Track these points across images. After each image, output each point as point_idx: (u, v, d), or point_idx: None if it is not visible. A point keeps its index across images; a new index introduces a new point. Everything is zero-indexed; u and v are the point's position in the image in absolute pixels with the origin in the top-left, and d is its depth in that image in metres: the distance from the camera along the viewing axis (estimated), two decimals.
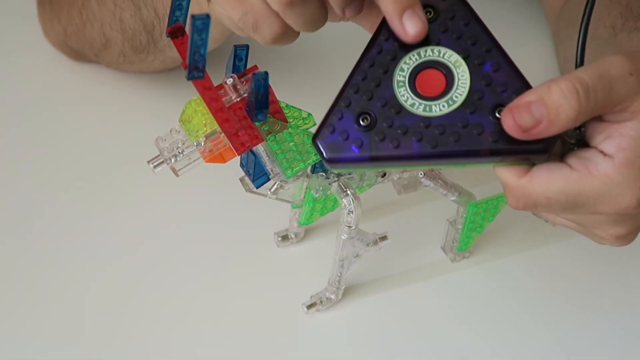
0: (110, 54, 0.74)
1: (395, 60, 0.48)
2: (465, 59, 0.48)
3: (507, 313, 0.64)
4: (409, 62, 0.48)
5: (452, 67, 0.48)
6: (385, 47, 0.48)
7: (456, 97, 0.47)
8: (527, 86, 0.47)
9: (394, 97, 0.48)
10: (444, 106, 0.47)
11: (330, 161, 0.48)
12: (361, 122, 0.48)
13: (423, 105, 0.47)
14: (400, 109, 0.48)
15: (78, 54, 0.79)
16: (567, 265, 0.67)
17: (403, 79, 0.48)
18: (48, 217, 0.70)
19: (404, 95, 0.48)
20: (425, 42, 0.48)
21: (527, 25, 0.86)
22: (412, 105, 0.48)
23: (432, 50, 0.48)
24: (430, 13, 0.48)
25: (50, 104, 0.79)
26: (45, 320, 0.63)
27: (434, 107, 0.47)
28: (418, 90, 0.48)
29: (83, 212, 0.70)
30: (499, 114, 0.46)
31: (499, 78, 0.47)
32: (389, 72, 0.48)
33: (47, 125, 0.77)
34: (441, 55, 0.48)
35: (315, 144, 0.48)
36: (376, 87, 0.48)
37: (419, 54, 0.48)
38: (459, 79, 0.47)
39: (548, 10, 0.84)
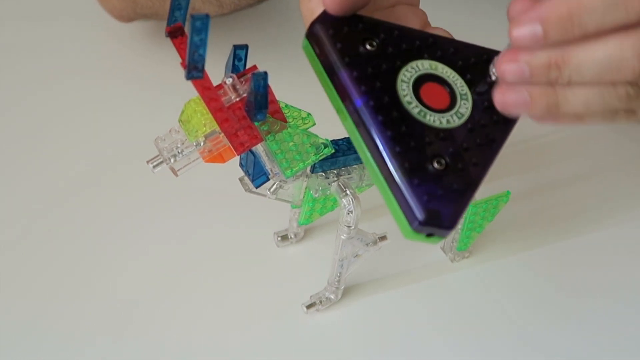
0: None
1: (398, 98, 0.48)
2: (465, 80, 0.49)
3: (507, 313, 0.64)
4: (406, 90, 0.48)
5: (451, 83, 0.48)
6: (373, 103, 0.47)
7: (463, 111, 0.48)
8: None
9: (425, 124, 0.47)
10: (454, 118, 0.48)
11: (452, 225, 0.45)
12: (436, 165, 0.46)
13: (436, 116, 0.48)
14: (438, 130, 0.47)
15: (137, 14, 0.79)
16: (567, 265, 0.67)
17: (414, 102, 0.48)
18: (45, 220, 0.70)
19: (428, 116, 0.47)
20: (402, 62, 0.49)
21: None
22: (430, 118, 0.48)
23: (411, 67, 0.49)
24: (372, 45, 0.48)
25: (49, 104, 0.79)
26: (44, 321, 0.63)
27: (444, 118, 0.48)
28: (424, 100, 0.48)
29: (82, 212, 0.70)
30: None
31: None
32: (409, 112, 0.47)
33: (46, 125, 0.77)
34: (425, 68, 0.48)
35: (426, 228, 0.45)
36: (413, 131, 0.46)
37: (406, 77, 0.48)
38: (460, 97, 0.48)
39: None
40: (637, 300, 0.65)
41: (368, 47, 0.48)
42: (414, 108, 0.47)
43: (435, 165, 0.45)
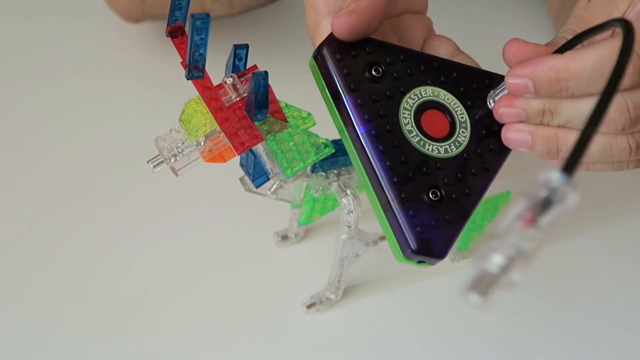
0: None
1: (399, 124, 0.49)
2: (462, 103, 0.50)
3: (507, 313, 0.64)
4: (407, 117, 0.49)
5: (450, 108, 0.50)
6: (376, 126, 0.48)
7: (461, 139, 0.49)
8: None
9: (423, 154, 0.48)
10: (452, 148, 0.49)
11: (443, 255, 0.47)
12: (431, 196, 0.47)
13: (435, 145, 0.49)
14: (436, 159, 0.48)
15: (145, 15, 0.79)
16: (567, 265, 0.67)
17: (414, 131, 0.49)
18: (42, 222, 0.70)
19: (427, 145, 0.49)
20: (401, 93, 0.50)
21: (529, 26, 0.86)
22: (429, 147, 0.49)
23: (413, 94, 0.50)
24: (378, 72, 0.49)
25: (53, 103, 0.79)
26: (45, 321, 0.63)
27: (442, 147, 0.49)
28: (425, 129, 0.49)
29: (82, 213, 0.70)
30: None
31: None
32: (407, 139, 0.49)
33: (51, 123, 0.77)
34: (427, 94, 0.50)
35: (417, 256, 0.47)
36: (411, 161, 0.48)
37: (407, 104, 0.49)
38: (459, 125, 0.49)
39: (551, 7, 0.84)
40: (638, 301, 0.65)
41: (374, 73, 0.49)
42: (414, 137, 0.48)
43: (431, 196, 0.47)
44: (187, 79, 0.47)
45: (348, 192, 0.57)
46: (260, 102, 0.49)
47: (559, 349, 0.62)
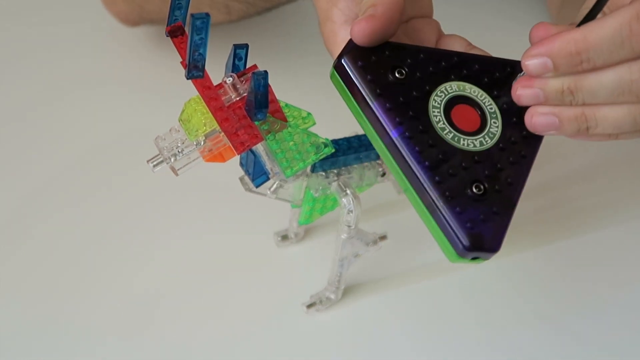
0: None
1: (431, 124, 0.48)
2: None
3: (508, 312, 0.64)
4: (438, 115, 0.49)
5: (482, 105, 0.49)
6: (407, 129, 0.48)
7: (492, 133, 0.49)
8: None
9: (460, 150, 0.48)
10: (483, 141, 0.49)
11: (497, 248, 0.47)
12: (475, 190, 0.47)
13: (469, 139, 0.48)
14: (473, 153, 0.48)
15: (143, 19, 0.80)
16: (567, 265, 0.67)
17: (447, 128, 0.49)
18: (41, 224, 0.70)
19: (461, 140, 0.48)
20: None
21: (529, 27, 0.85)
22: (464, 142, 0.49)
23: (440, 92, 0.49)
24: (402, 73, 0.49)
25: (52, 106, 0.79)
26: (40, 323, 0.63)
27: (477, 140, 0.49)
28: (456, 124, 0.49)
29: (79, 214, 0.70)
30: None
31: None
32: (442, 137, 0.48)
33: (44, 127, 0.77)
34: (453, 90, 0.49)
35: (471, 253, 0.46)
36: (449, 158, 0.47)
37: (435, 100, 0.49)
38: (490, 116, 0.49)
39: (551, 7, 0.84)
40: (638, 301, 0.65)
41: (397, 75, 0.48)
42: (448, 134, 0.48)
43: (475, 190, 0.47)
44: (187, 79, 0.47)
45: (348, 191, 0.57)
46: (260, 102, 0.49)
47: (560, 349, 0.62)
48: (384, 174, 0.60)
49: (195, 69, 0.46)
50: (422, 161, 0.47)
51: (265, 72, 0.49)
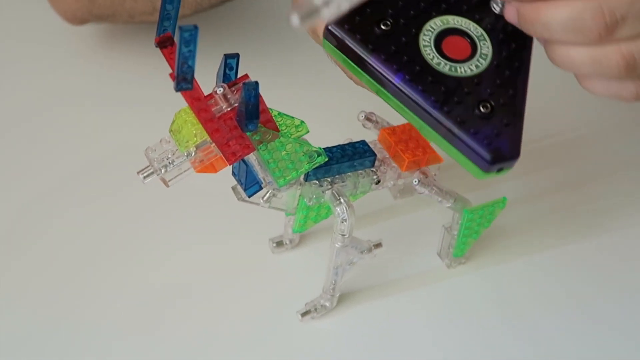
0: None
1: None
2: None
3: (504, 320, 0.63)
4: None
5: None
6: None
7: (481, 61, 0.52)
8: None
9: (459, 77, 0.51)
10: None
11: (517, 154, 0.50)
12: (483, 110, 0.50)
13: (465, 66, 0.51)
14: (472, 77, 0.51)
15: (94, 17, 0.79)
16: (563, 272, 0.66)
17: (442, 61, 0.51)
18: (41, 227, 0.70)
19: (458, 69, 0.51)
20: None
21: None
22: (461, 69, 0.51)
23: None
24: (387, 24, 0.51)
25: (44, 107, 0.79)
26: (41, 322, 0.63)
27: (473, 65, 0.51)
28: (449, 56, 0.51)
29: (76, 221, 0.70)
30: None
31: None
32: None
33: (43, 128, 0.77)
34: (438, 26, 0.52)
35: (495, 165, 0.49)
36: (451, 88, 0.50)
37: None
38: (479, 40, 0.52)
39: None
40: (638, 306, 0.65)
41: (383, 27, 0.51)
42: (444, 67, 0.51)
43: (482, 109, 0.50)
44: (176, 91, 0.46)
45: (341, 200, 0.57)
46: (250, 113, 0.49)
47: (560, 354, 0.62)
48: (378, 182, 0.59)
49: (184, 82, 0.46)
50: (428, 97, 0.50)
51: (256, 82, 0.48)
